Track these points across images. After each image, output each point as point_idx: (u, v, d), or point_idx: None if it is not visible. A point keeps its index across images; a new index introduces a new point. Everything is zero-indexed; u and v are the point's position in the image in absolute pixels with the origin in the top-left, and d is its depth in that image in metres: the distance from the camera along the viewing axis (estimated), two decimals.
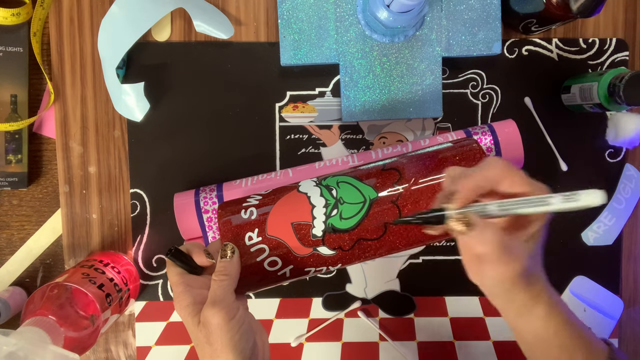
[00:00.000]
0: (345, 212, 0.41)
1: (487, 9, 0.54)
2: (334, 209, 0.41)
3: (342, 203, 0.41)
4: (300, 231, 0.41)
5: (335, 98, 0.57)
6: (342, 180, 0.43)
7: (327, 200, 0.42)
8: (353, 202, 0.41)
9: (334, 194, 0.42)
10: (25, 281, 0.58)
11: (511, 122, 0.53)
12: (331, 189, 0.42)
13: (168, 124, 0.57)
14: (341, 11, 0.54)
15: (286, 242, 0.41)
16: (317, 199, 0.42)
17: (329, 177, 0.44)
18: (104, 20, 0.51)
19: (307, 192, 0.43)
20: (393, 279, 0.58)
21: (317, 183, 0.43)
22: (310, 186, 0.43)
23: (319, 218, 0.41)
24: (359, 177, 0.43)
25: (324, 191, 0.42)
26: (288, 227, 0.41)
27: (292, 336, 0.58)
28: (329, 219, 0.41)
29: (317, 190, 0.43)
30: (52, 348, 0.41)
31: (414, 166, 0.43)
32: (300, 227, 0.41)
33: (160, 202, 0.57)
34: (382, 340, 0.58)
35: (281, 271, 0.42)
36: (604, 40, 0.57)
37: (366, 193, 0.42)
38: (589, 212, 0.58)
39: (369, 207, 0.41)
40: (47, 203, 0.58)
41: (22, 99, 0.55)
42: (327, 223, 0.41)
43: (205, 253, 0.41)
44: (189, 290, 0.39)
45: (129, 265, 0.56)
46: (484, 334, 0.59)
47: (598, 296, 0.58)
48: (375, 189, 0.42)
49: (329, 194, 0.42)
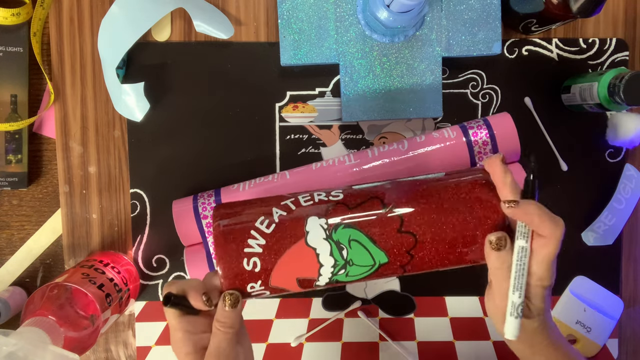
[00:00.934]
0: (352, 272, 0.40)
1: (487, 9, 0.54)
2: (342, 269, 0.40)
3: (351, 265, 0.40)
4: (303, 283, 0.41)
5: (335, 98, 0.57)
6: (354, 238, 0.40)
7: (336, 260, 0.40)
8: (362, 264, 0.40)
9: (344, 255, 0.40)
10: (25, 281, 0.58)
11: (506, 115, 0.53)
12: (342, 247, 0.40)
13: (168, 124, 0.57)
14: (341, 11, 0.54)
15: (288, 289, 0.41)
16: (325, 259, 0.40)
17: (340, 226, 0.40)
18: (104, 20, 0.51)
19: (316, 248, 0.40)
20: (393, 278, 0.58)
21: (328, 236, 0.40)
22: (319, 238, 0.40)
23: (325, 275, 0.40)
24: (372, 237, 0.40)
25: (334, 250, 0.40)
26: (292, 281, 0.40)
27: (292, 336, 0.58)
28: (335, 276, 0.40)
29: (326, 247, 0.40)
30: (52, 348, 0.41)
31: (432, 234, 0.40)
32: (305, 281, 0.40)
33: (160, 202, 0.57)
34: (382, 340, 0.58)
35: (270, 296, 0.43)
36: (604, 40, 0.57)
37: (377, 257, 0.40)
38: (588, 213, 0.58)
39: (377, 269, 0.40)
40: (47, 203, 0.58)
41: (22, 99, 0.55)
42: (332, 279, 0.41)
43: (205, 298, 0.38)
44: (189, 337, 0.38)
45: (129, 265, 0.56)
46: (484, 334, 0.58)
47: (598, 296, 0.58)
48: (387, 255, 0.40)
49: (339, 254, 0.40)
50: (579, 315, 0.57)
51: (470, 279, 0.58)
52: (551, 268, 0.38)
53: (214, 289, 0.39)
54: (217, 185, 0.56)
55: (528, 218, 0.37)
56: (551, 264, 0.37)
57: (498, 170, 0.38)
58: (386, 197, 0.41)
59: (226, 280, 0.39)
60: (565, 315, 0.57)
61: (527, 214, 0.36)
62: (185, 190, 0.57)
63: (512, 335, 0.37)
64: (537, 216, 0.36)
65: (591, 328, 0.57)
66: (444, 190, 0.40)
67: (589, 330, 0.57)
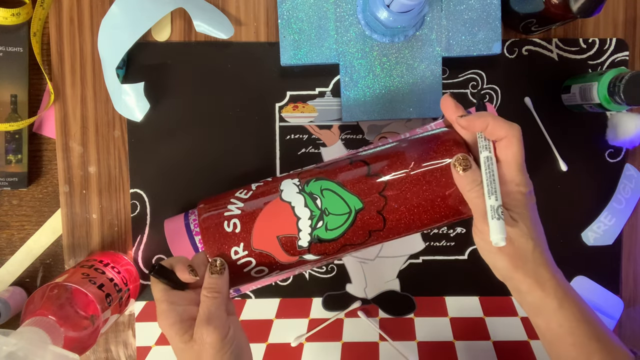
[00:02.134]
0: (330, 223, 0.41)
1: (487, 9, 0.54)
2: (319, 220, 0.41)
3: (328, 214, 0.41)
4: (286, 243, 0.41)
5: (335, 98, 0.57)
6: (325, 187, 0.42)
7: (312, 211, 0.41)
8: (338, 213, 0.41)
9: (319, 204, 0.41)
10: (25, 281, 0.58)
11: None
12: (315, 197, 0.41)
13: (168, 124, 0.57)
14: (341, 11, 0.54)
15: (272, 253, 0.41)
16: (301, 210, 0.41)
17: (311, 180, 0.43)
18: (104, 20, 0.51)
19: (290, 202, 0.42)
20: (393, 279, 0.58)
21: (300, 189, 0.42)
22: (293, 192, 0.42)
23: (304, 230, 0.41)
24: (343, 183, 0.42)
25: (308, 201, 0.41)
26: (274, 240, 0.41)
27: (292, 336, 0.58)
28: (315, 230, 0.41)
29: (300, 199, 0.42)
30: (52, 348, 0.41)
31: (400, 176, 0.42)
32: (286, 240, 0.41)
33: (160, 202, 0.57)
34: (382, 340, 0.58)
35: (268, 275, 0.43)
36: (604, 40, 0.57)
37: (351, 203, 0.41)
38: (588, 213, 0.58)
39: (354, 217, 0.41)
40: (47, 203, 0.58)
41: (22, 99, 0.55)
42: (313, 235, 0.41)
43: (189, 269, 0.40)
44: (174, 309, 0.39)
45: (129, 265, 0.56)
46: (484, 334, 0.59)
47: (598, 296, 0.58)
48: (360, 199, 0.41)
49: (314, 204, 0.41)
50: None
51: (470, 279, 0.58)
52: (522, 169, 0.39)
53: (200, 263, 0.41)
54: (217, 185, 0.56)
55: (483, 122, 0.39)
56: (521, 166, 0.38)
57: (449, 102, 0.42)
58: (353, 156, 0.44)
59: (207, 245, 0.41)
60: None
61: (481, 117, 0.39)
62: (185, 190, 0.57)
63: (499, 239, 0.36)
64: (491, 118, 0.38)
65: None
66: (406, 138, 0.44)
67: None
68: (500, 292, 0.58)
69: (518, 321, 0.58)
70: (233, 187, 0.56)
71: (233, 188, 0.55)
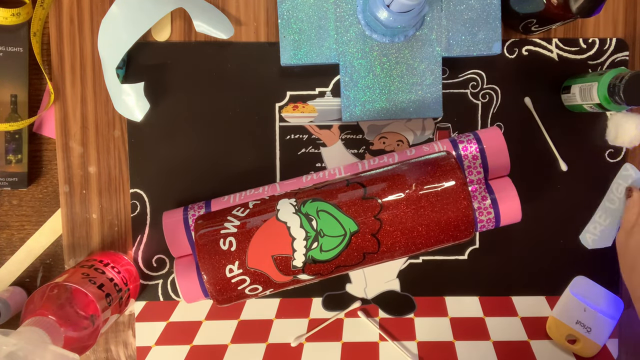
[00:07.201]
0: (325, 244, 0.41)
1: (487, 9, 0.54)
2: (314, 241, 0.41)
3: (323, 236, 0.41)
4: (280, 263, 0.42)
5: (335, 98, 0.57)
6: (322, 208, 0.42)
7: (307, 232, 0.41)
8: (333, 235, 0.41)
9: (314, 225, 0.41)
10: (25, 281, 0.58)
11: (496, 129, 0.53)
12: (311, 219, 0.42)
13: (168, 124, 0.57)
14: (341, 11, 0.54)
15: (267, 272, 0.42)
16: (297, 231, 0.41)
17: (308, 201, 0.43)
18: (104, 20, 0.51)
19: (286, 222, 0.42)
20: (393, 279, 0.58)
21: (297, 210, 0.42)
22: (289, 213, 0.42)
23: (299, 251, 0.41)
24: (339, 205, 0.42)
25: (304, 221, 0.42)
26: (268, 260, 0.41)
27: (292, 336, 0.58)
28: (309, 251, 0.41)
29: (296, 220, 0.42)
30: (52, 348, 0.41)
31: (396, 200, 0.42)
32: (281, 260, 0.41)
33: (160, 202, 0.57)
34: (382, 340, 0.58)
35: (262, 293, 0.44)
36: (604, 40, 0.57)
37: (347, 226, 0.41)
38: (588, 213, 0.58)
39: (349, 239, 0.41)
40: (47, 203, 0.58)
41: (22, 99, 0.55)
42: (308, 255, 0.41)
43: None
44: None
45: (129, 265, 0.56)
46: (484, 334, 0.59)
47: (598, 296, 0.58)
48: (355, 222, 0.41)
49: (309, 225, 0.41)
50: (579, 315, 0.57)
51: (470, 279, 0.58)
52: None
53: None
54: (217, 185, 0.56)
55: None
56: None
57: None
58: (351, 179, 0.44)
59: (203, 262, 0.41)
60: (566, 315, 0.57)
61: None
62: (185, 190, 0.57)
63: None
64: None
65: (591, 328, 0.57)
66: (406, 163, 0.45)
67: (589, 330, 0.57)
68: (500, 292, 0.58)
69: (518, 321, 0.58)
70: (233, 187, 0.56)
71: (233, 188, 0.56)
